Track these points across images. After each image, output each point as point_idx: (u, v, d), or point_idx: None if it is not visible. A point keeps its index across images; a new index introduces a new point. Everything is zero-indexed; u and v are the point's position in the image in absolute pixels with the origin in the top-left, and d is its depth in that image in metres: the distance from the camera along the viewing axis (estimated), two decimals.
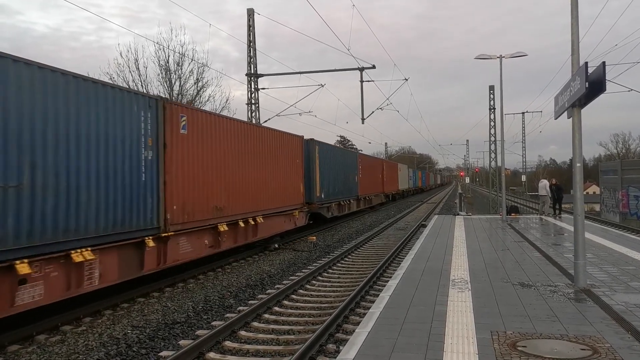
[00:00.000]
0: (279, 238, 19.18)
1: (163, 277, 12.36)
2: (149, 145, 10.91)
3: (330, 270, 14.33)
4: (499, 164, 32.04)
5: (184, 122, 12.16)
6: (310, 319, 9.63)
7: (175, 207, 11.58)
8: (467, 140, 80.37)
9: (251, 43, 27.06)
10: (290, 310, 10.24)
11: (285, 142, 19.48)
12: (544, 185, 24.22)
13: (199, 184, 12.70)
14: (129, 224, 10.19)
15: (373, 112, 35.84)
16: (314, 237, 20.77)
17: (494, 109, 38.69)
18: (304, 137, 22.24)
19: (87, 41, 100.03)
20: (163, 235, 11.21)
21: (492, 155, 39.80)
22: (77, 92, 9.00)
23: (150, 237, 10.85)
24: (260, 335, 8.52)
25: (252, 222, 15.88)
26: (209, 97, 31.07)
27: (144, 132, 10.79)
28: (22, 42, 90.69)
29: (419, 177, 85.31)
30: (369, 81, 32.63)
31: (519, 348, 5.66)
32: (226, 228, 13.95)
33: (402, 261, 12.17)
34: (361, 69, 27.50)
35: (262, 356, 7.62)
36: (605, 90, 7.99)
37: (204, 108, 24.45)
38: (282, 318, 9.69)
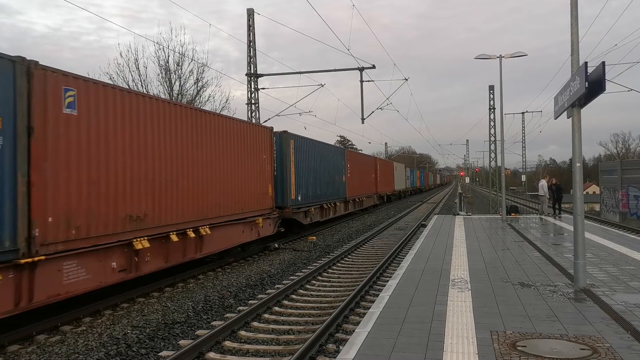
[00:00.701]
0: (240, 249, 16.43)
1: (163, 277, 12.36)
2: None
3: (330, 270, 14.34)
4: (499, 163, 32.05)
5: (70, 99, 8.86)
6: (310, 318, 9.63)
7: (51, 218, 8.33)
8: (467, 140, 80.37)
9: (251, 43, 27.06)
10: (290, 310, 10.24)
11: (246, 134, 15.91)
12: (543, 185, 24.23)
13: (99, 185, 9.49)
14: None
15: (373, 112, 35.90)
16: (314, 237, 20.78)
17: (494, 108, 38.69)
18: (274, 129, 18.97)
19: (87, 41, 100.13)
20: (24, 261, 7.78)
21: (492, 155, 39.79)
22: None
23: None
24: (260, 335, 8.52)
25: (193, 235, 12.49)
26: (208, 97, 31.04)
27: None
28: (23, 42, 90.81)
29: (417, 176, 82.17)
30: (369, 81, 32.66)
31: (519, 348, 5.66)
32: (148, 244, 10.66)
33: (402, 261, 12.18)
34: (361, 69, 27.49)
35: (262, 356, 7.62)
36: (604, 90, 8.00)
37: (204, 108, 24.46)
38: (282, 318, 9.69)
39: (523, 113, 59.53)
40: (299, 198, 20.72)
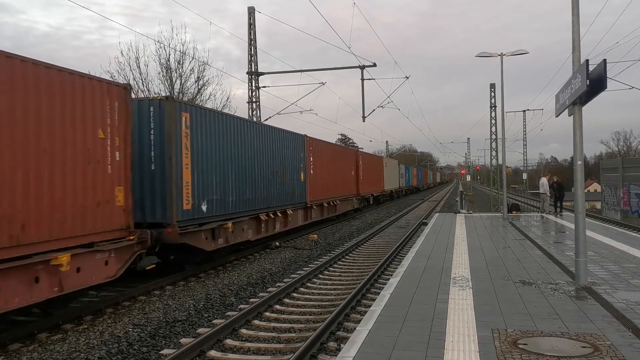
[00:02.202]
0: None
1: (163, 275, 12.37)
2: None
3: (331, 269, 14.34)
4: (500, 161, 32.03)
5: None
6: (312, 317, 9.63)
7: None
8: (469, 138, 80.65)
9: (252, 41, 27.04)
10: (291, 309, 10.25)
11: (51, 93, 8.54)
12: (543, 183, 24.21)
13: None
14: None
15: (374, 110, 35.83)
16: (315, 236, 20.77)
17: (495, 106, 38.66)
18: (148, 97, 13.04)
19: (89, 40, 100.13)
20: None
21: (493, 153, 39.78)
22: None
23: None
24: (262, 333, 8.52)
25: None
26: (209, 96, 30.97)
27: None
28: (25, 41, 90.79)
29: (414, 174, 74.41)
30: (370, 79, 32.71)
31: (520, 346, 5.66)
32: None
33: (403, 259, 12.18)
34: (362, 67, 27.47)
35: (263, 354, 7.63)
36: (606, 87, 7.99)
37: (205, 106, 24.43)
38: (284, 316, 9.69)
39: (524, 111, 59.45)
40: (204, 207, 13.02)
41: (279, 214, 18.53)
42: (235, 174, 15.05)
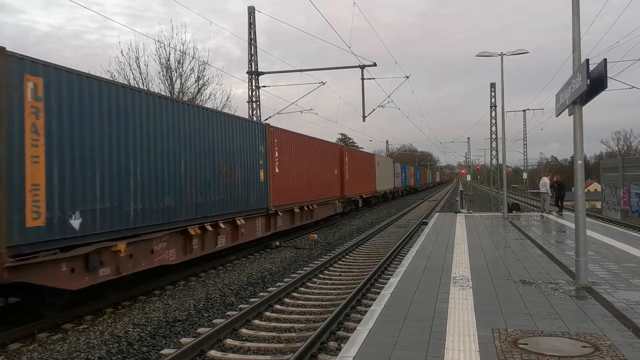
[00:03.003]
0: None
1: (164, 275, 12.37)
2: None
3: (331, 268, 14.34)
4: (500, 161, 32.01)
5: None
6: (312, 316, 9.63)
7: None
8: (469, 138, 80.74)
9: (252, 41, 27.03)
10: (291, 308, 10.24)
11: None
12: (545, 182, 24.21)
13: None
14: None
15: (374, 109, 35.81)
16: (315, 235, 20.78)
17: (495, 106, 38.65)
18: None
19: (90, 40, 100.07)
20: None
21: (494, 152, 39.76)
22: None
23: None
24: (262, 333, 8.52)
25: None
26: (209, 95, 30.99)
27: None
28: (25, 40, 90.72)
29: (412, 174, 69.42)
30: (370, 79, 32.68)
31: (520, 345, 5.66)
32: None
33: (403, 259, 12.17)
34: (362, 67, 27.45)
35: (263, 354, 7.62)
36: (606, 87, 7.98)
37: (205, 105, 24.44)
38: (284, 316, 9.69)
39: (524, 111, 59.42)
40: (74, 222, 8.84)
41: (223, 225, 13.94)
42: (143, 171, 10.73)
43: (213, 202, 13.50)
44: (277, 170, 18.22)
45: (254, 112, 27.47)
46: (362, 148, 67.21)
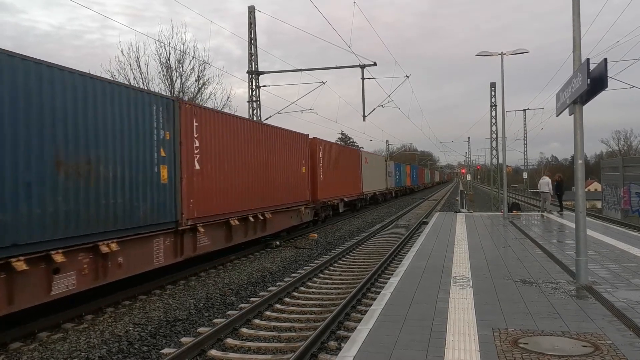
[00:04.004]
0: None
1: (164, 274, 12.37)
2: None
3: (331, 268, 14.34)
4: (501, 161, 32.00)
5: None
6: (312, 316, 9.63)
7: None
8: (469, 138, 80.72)
9: (252, 40, 27.03)
10: (291, 308, 10.25)
11: None
12: (546, 182, 24.21)
13: None
14: None
15: (374, 109, 35.84)
16: (315, 235, 20.79)
17: (496, 106, 38.63)
18: None
19: (90, 39, 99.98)
20: None
21: (494, 152, 39.75)
22: None
23: None
24: (262, 333, 8.53)
25: None
26: (210, 95, 31.00)
27: None
28: (25, 40, 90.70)
29: (408, 173, 64.32)
30: (370, 78, 32.67)
31: (521, 345, 5.66)
32: None
33: (403, 258, 12.18)
34: (362, 66, 27.44)
35: (263, 353, 7.63)
36: (606, 87, 7.98)
37: (205, 105, 24.43)
38: (284, 315, 9.70)
39: (525, 110, 59.39)
40: None
41: (61, 258, 8.42)
42: None
43: (37, 218, 8.02)
44: (197, 167, 12.66)
45: (254, 111, 27.47)
46: (363, 148, 66.48)
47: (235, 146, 14.99)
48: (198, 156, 12.85)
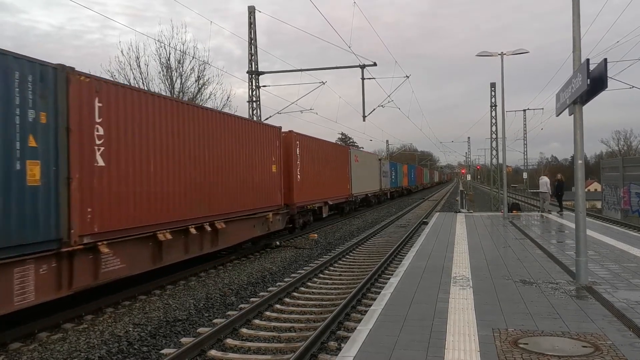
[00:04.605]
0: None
1: (165, 274, 12.37)
2: None
3: (331, 268, 14.34)
4: (501, 161, 32.01)
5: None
6: (312, 316, 9.63)
7: None
8: (469, 138, 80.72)
9: (252, 40, 27.03)
10: (291, 308, 10.24)
11: None
12: (545, 182, 24.23)
13: None
14: None
15: (374, 109, 35.86)
16: (315, 235, 20.79)
17: (496, 106, 38.64)
18: None
19: (90, 39, 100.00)
20: None
21: (494, 152, 39.76)
22: None
23: None
24: (262, 333, 8.52)
25: None
26: (210, 95, 30.99)
27: None
28: (25, 40, 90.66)
29: (405, 173, 60.65)
30: (370, 79, 32.67)
31: (521, 345, 5.66)
32: None
33: (403, 259, 12.17)
34: (362, 67, 27.44)
35: (263, 354, 7.62)
36: (606, 87, 7.98)
37: (205, 105, 24.44)
38: (284, 315, 9.69)
39: (524, 110, 59.45)
40: None
41: None
42: None
43: None
44: (100, 164, 9.50)
45: (254, 111, 27.48)
46: (363, 148, 66.29)
47: (167, 137, 11.53)
48: (102, 149, 9.53)
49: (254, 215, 16.14)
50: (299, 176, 20.40)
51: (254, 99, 27.45)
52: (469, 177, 79.56)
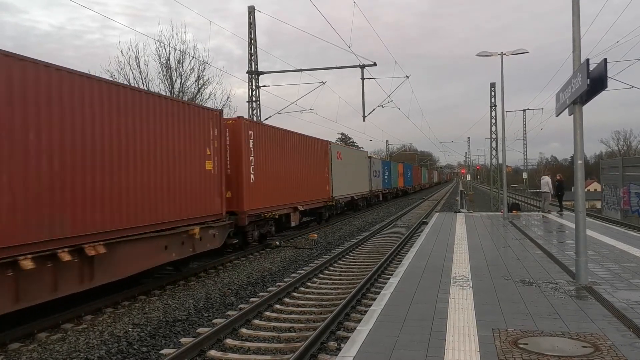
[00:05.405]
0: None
1: (165, 274, 12.37)
2: None
3: (331, 268, 14.33)
4: (500, 161, 32.00)
5: None
6: (312, 316, 9.62)
7: None
8: (469, 138, 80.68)
9: (252, 40, 27.02)
10: (291, 308, 10.24)
11: None
12: (546, 182, 24.23)
13: None
14: None
15: (374, 109, 35.87)
16: (315, 235, 20.78)
17: (495, 106, 38.64)
18: None
19: (91, 39, 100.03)
20: None
21: (494, 152, 39.76)
22: None
23: None
24: (262, 333, 8.52)
25: None
26: (209, 95, 30.98)
27: None
28: (26, 40, 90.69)
29: (400, 173, 56.27)
30: (370, 79, 32.65)
31: (521, 345, 5.65)
32: None
33: (403, 259, 12.17)
34: (362, 67, 27.44)
35: (263, 354, 7.62)
36: (606, 87, 7.98)
37: (205, 105, 24.40)
38: (284, 315, 9.69)
39: (524, 110, 59.50)
40: None
41: None
42: None
43: None
44: None
45: (254, 111, 27.48)
46: (362, 148, 66.05)
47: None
48: None
49: (161, 233, 11.13)
50: (252, 176, 16.13)
51: (254, 99, 27.45)
52: (468, 177, 79.55)
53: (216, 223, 13.65)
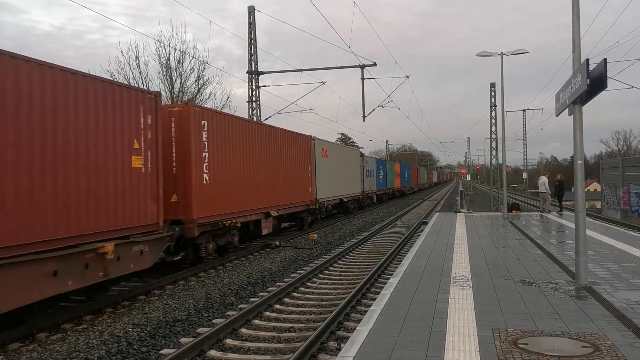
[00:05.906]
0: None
1: (164, 274, 12.37)
2: None
3: (331, 268, 14.33)
4: (500, 161, 32.00)
5: None
6: (312, 316, 9.62)
7: None
8: (469, 138, 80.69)
9: (252, 40, 27.02)
10: (291, 308, 10.24)
11: None
12: (543, 182, 24.24)
13: None
14: None
15: (374, 109, 35.83)
16: (315, 235, 20.78)
17: (495, 106, 38.65)
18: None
19: (91, 39, 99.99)
20: None
21: (494, 152, 39.77)
22: None
23: None
24: (262, 333, 8.52)
25: None
26: (209, 95, 30.98)
27: None
28: (26, 40, 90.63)
29: (397, 173, 53.15)
30: (370, 79, 32.65)
31: (520, 345, 5.65)
32: None
33: (403, 258, 12.17)
34: (362, 67, 27.45)
35: (263, 354, 7.62)
36: (606, 87, 7.98)
37: (204, 105, 24.40)
38: (284, 315, 9.68)
39: (524, 110, 59.57)
40: None
41: None
42: None
43: None
44: None
45: (254, 111, 27.48)
46: (362, 148, 65.83)
47: None
48: None
49: (51, 254, 8.09)
50: (206, 176, 13.39)
51: (254, 99, 27.45)
52: (468, 177, 79.54)
53: (145, 236, 10.49)
